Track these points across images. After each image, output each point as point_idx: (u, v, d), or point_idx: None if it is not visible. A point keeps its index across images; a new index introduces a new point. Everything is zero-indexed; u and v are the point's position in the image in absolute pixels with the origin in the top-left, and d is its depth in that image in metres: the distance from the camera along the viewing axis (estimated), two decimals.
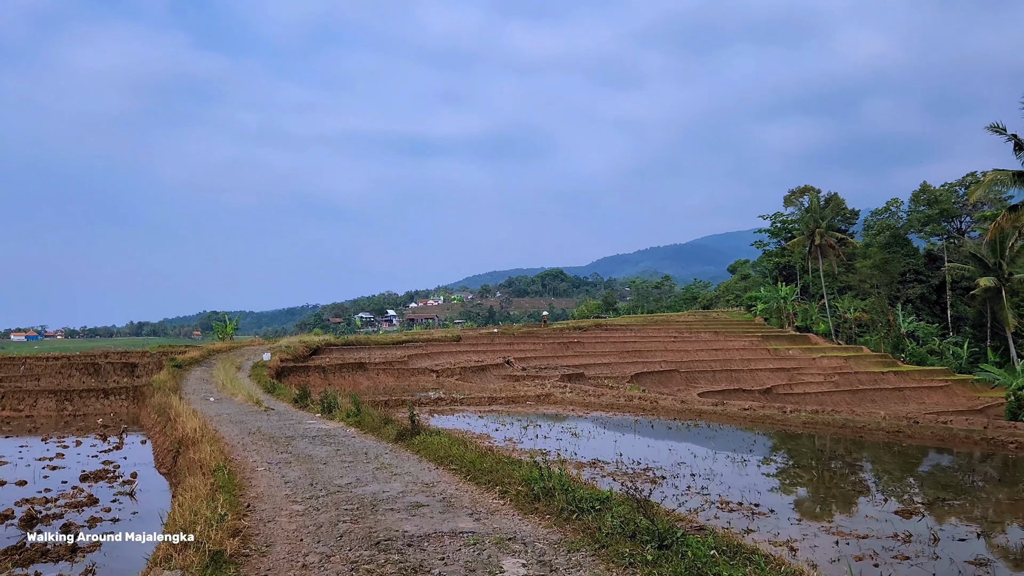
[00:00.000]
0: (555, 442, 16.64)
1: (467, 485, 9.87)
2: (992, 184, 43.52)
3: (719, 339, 65.97)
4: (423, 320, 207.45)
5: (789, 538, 8.41)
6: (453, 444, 12.10)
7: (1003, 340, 62.01)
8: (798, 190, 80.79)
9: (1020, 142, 42.53)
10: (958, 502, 10.65)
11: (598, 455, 14.54)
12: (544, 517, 7.98)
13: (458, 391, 31.94)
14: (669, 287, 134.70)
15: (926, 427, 16.88)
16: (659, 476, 12.40)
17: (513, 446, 15.91)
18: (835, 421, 18.50)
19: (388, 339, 50.37)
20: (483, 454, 11.07)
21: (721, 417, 21.26)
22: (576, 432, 18.20)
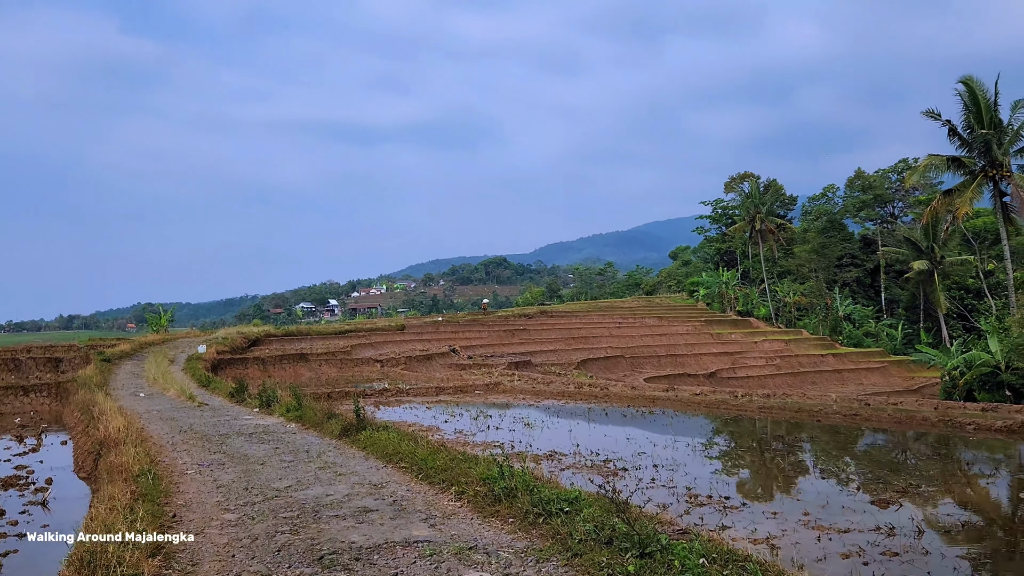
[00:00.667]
0: (508, 433, 15.90)
1: (420, 485, 9.03)
2: (927, 169, 44.21)
3: (663, 324, 66.14)
4: (366, 309, 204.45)
5: (768, 535, 7.80)
6: (403, 440, 11.24)
7: (935, 322, 63.48)
8: (738, 176, 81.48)
9: (954, 128, 43.20)
10: (932, 488, 10.23)
11: (554, 446, 13.83)
12: (507, 521, 7.19)
13: (404, 381, 30.97)
14: (612, 274, 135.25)
15: (881, 409, 16.62)
16: (620, 468, 11.74)
17: (465, 439, 15.12)
18: (790, 405, 18.16)
19: (330, 329, 49.01)
20: (436, 450, 10.23)
21: (675, 403, 20.79)
22: (529, 422, 17.49)
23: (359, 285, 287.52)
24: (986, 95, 41.77)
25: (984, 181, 42.18)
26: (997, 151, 41.14)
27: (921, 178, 44.62)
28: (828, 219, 77.53)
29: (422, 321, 59.02)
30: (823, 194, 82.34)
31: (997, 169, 41.62)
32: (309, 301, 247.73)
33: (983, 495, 10.57)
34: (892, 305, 73.29)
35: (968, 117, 42.22)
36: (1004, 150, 41.63)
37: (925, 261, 60.06)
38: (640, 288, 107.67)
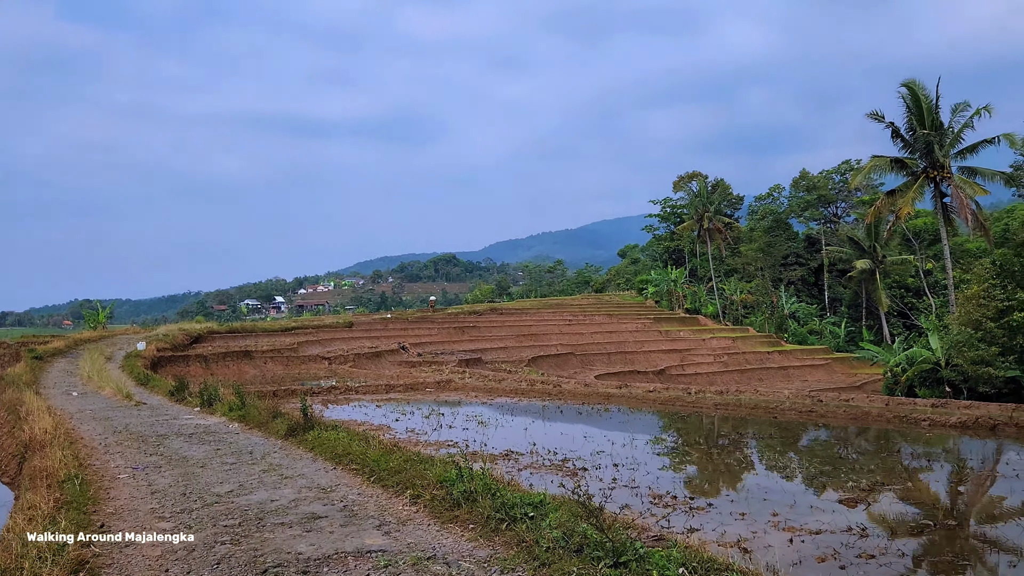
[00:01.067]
0: (462, 432, 15.38)
1: (372, 488, 8.47)
2: (872, 170, 44.91)
3: (613, 322, 66.27)
4: (313, 306, 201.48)
5: (739, 537, 7.46)
6: (353, 440, 10.65)
7: (877, 320, 64.77)
8: (687, 176, 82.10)
9: (897, 130, 43.96)
10: (899, 486, 10.03)
11: (510, 445, 13.37)
12: (467, 527, 6.70)
13: (352, 379, 30.21)
14: (562, 271, 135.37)
15: (836, 406, 16.56)
16: (580, 468, 11.32)
17: (417, 438, 14.57)
18: (745, 402, 18.02)
19: (276, 326, 47.82)
20: (388, 451, 9.67)
21: (630, 400, 20.52)
22: (483, 420, 17.00)
23: (306, 282, 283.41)
24: (928, 98, 42.59)
25: (926, 182, 43.01)
26: (938, 153, 41.97)
27: (865, 179, 45.28)
28: (774, 218, 78.60)
29: (371, 318, 58.09)
30: (769, 194, 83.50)
31: (938, 170, 42.46)
32: (254, 298, 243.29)
33: (958, 492, 10.44)
34: (835, 303, 74.61)
35: (911, 119, 43.00)
36: (945, 152, 42.50)
37: (868, 260, 61.20)
38: (590, 286, 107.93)
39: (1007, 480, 10.65)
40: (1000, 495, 10.03)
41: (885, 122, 43.90)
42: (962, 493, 10.38)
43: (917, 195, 42.65)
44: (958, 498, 10.03)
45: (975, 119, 41.56)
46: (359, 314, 68.92)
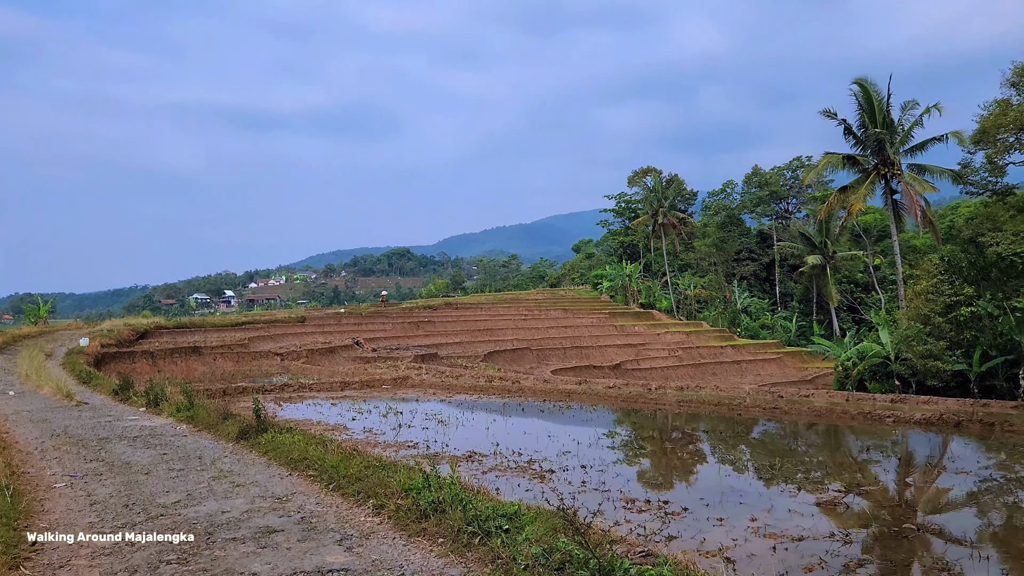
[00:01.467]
0: (421, 432, 14.85)
1: (331, 497, 7.93)
2: (824, 167, 45.39)
3: (568, 316, 66.21)
4: (264, 301, 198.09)
5: (721, 545, 7.10)
6: (310, 443, 10.07)
7: (827, 314, 65.76)
8: (641, 171, 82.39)
9: (849, 127, 44.47)
10: (872, 488, 9.81)
11: (473, 446, 12.89)
12: (436, 541, 6.22)
13: (306, 375, 29.41)
14: (516, 266, 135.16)
15: (801, 402, 16.45)
16: (547, 470, 10.90)
17: (375, 439, 14.00)
18: (708, 399, 17.82)
19: (226, 321, 46.55)
20: (348, 456, 9.11)
21: (591, 397, 20.20)
22: (443, 419, 16.48)
23: (257, 276, 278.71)
24: (879, 96, 43.16)
25: (877, 179, 43.59)
26: (889, 150, 42.56)
27: (817, 176, 45.77)
28: (727, 214, 79.32)
29: (324, 313, 57.00)
30: (722, 190, 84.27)
31: (889, 167, 43.07)
32: (203, 292, 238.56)
33: (934, 492, 10.28)
34: (786, 298, 75.62)
35: (862, 117, 43.54)
36: (895, 149, 43.12)
37: (819, 256, 62.05)
38: (545, 280, 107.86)
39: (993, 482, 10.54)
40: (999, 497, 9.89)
41: (837, 119, 44.38)
42: (944, 493, 10.22)
43: (868, 191, 43.21)
44: (941, 498, 9.87)
45: (925, 117, 42.27)
46: (312, 309, 67.71)
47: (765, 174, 77.81)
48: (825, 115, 44.52)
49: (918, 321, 38.87)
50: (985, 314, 37.85)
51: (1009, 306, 37.05)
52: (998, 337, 37.63)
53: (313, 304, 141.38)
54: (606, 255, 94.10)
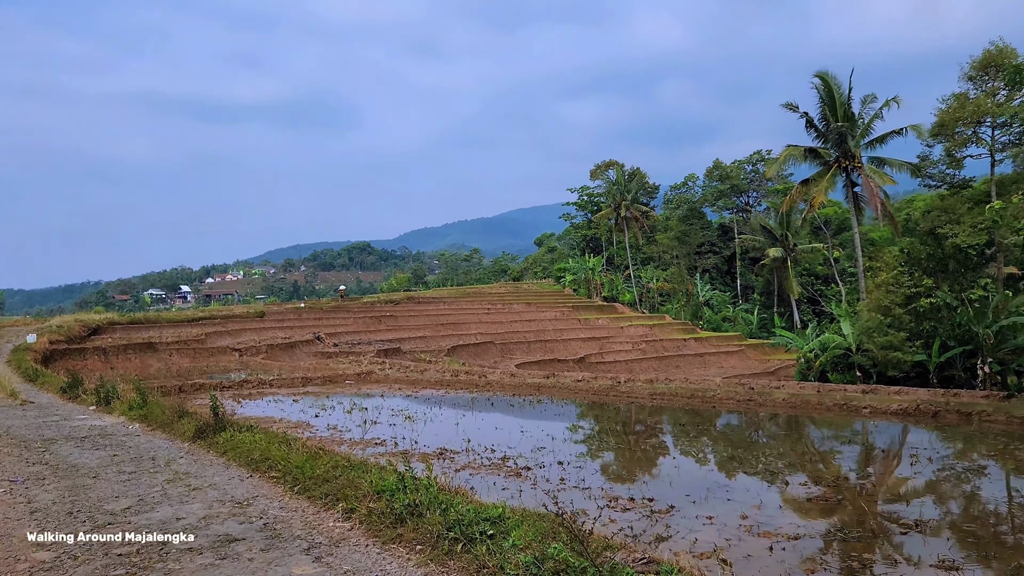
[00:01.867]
0: (388, 428, 14.27)
1: (296, 501, 7.35)
2: (786, 159, 45.54)
3: (531, 310, 65.86)
4: (221, 296, 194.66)
5: (715, 546, 6.68)
6: (272, 442, 9.45)
7: (788, 306, 66.27)
8: (604, 164, 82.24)
9: (811, 120, 44.67)
10: (866, 481, 9.50)
11: (443, 442, 12.36)
12: (414, 549, 5.69)
13: (266, 371, 28.58)
14: (478, 260, 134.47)
15: (775, 394, 16.19)
16: (522, 467, 10.41)
17: (340, 436, 13.39)
18: (681, 391, 17.49)
19: (183, 316, 45.29)
20: (314, 455, 8.52)
21: (561, 391, 19.77)
22: (410, 415, 15.90)
23: (214, 271, 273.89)
24: (840, 89, 43.40)
25: (838, 171, 43.85)
26: (851, 143, 42.82)
27: (779, 168, 45.94)
28: (688, 207, 79.54)
29: (283, 308, 55.92)
30: (684, 183, 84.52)
31: (850, 160, 43.34)
32: (159, 287, 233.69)
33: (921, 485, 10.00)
34: (747, 291, 76.11)
35: (824, 110, 43.75)
36: (856, 142, 43.41)
37: (780, 249, 62.45)
38: (507, 274, 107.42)
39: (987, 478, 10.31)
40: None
41: (799, 112, 44.56)
42: (940, 487, 9.94)
43: (830, 184, 43.45)
44: (937, 491, 9.58)
45: (884, 110, 42.59)
46: (271, 304, 66.31)
47: (726, 168, 78.09)
48: (787, 108, 44.69)
49: (879, 312, 39.20)
50: (944, 305, 38.26)
51: (967, 297, 37.50)
52: (956, 328, 38.07)
53: (272, 299, 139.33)
54: (569, 249, 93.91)
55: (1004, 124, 40.19)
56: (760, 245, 66.30)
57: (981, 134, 40.44)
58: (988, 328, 36.51)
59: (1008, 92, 40.17)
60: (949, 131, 40.22)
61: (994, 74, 39.86)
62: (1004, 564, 6.44)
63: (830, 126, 43.39)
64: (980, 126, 40.00)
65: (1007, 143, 40.72)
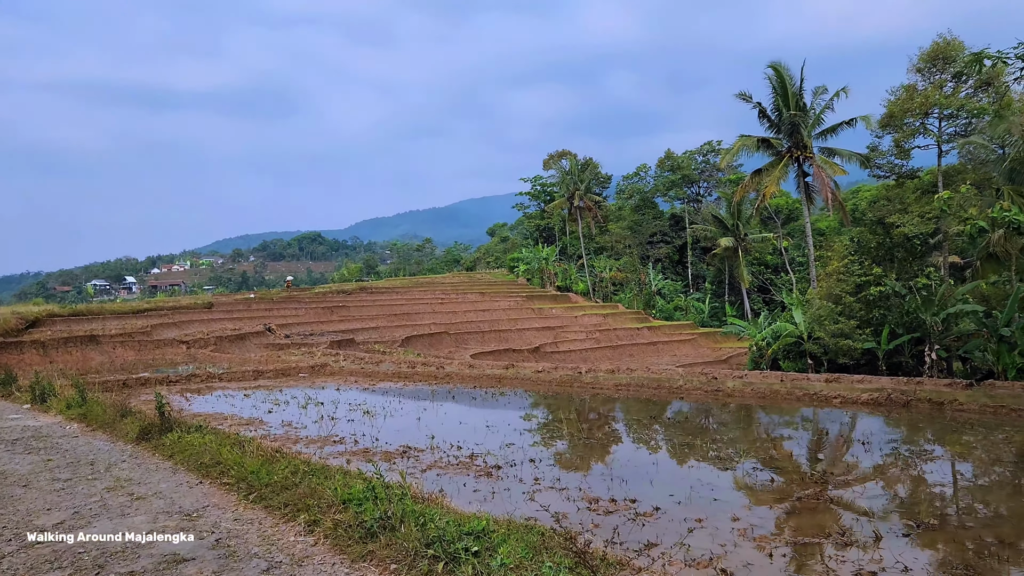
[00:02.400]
0: (347, 425, 13.52)
1: (252, 511, 6.62)
2: (740, 149, 45.62)
3: (485, 300, 65.27)
4: (168, 287, 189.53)
5: (711, 555, 6.15)
6: (223, 443, 8.68)
7: (739, 295, 66.81)
8: (556, 154, 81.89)
9: (764, 110, 44.79)
10: (852, 476, 9.10)
11: (406, 439, 11.67)
12: (388, 568, 5.04)
13: (215, 364, 27.46)
14: (431, 250, 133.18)
15: (738, 384, 15.83)
16: (492, 466, 9.79)
17: (296, 433, 12.61)
18: (647, 381, 17.03)
19: (127, 308, 43.57)
20: (270, 459, 7.79)
21: (524, 383, 19.18)
22: (369, 409, 15.15)
23: (160, 261, 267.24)
24: (792, 80, 43.57)
25: (790, 162, 44.07)
26: (803, 132, 43.03)
27: (733, 158, 46.00)
28: (640, 197, 79.65)
29: (232, 299, 54.30)
30: (636, 173, 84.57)
31: (801, 151, 43.58)
32: (103, 278, 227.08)
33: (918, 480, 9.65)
34: (698, 280, 76.56)
35: (777, 100, 43.89)
36: (808, 132, 43.65)
37: (731, 238, 62.82)
38: (460, 264, 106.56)
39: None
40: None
41: (752, 102, 44.66)
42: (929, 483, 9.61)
43: (782, 174, 43.66)
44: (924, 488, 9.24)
45: (835, 101, 42.87)
46: (219, 295, 64.50)
47: (678, 158, 78.35)
48: (741, 98, 44.73)
49: (830, 301, 39.53)
50: (892, 293, 38.71)
51: (915, 285, 37.97)
52: (905, 316, 38.56)
53: (220, 290, 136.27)
54: (522, 238, 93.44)
55: (951, 116, 40.76)
56: (712, 235, 66.66)
57: (929, 125, 40.96)
58: (936, 316, 37.03)
59: (955, 84, 40.74)
60: (898, 122, 40.67)
61: (942, 66, 40.36)
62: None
63: (783, 116, 43.56)
64: (928, 117, 40.51)
65: (953, 134, 41.31)
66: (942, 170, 41.05)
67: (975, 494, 8.61)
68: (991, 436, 11.22)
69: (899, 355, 39.18)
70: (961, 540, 6.65)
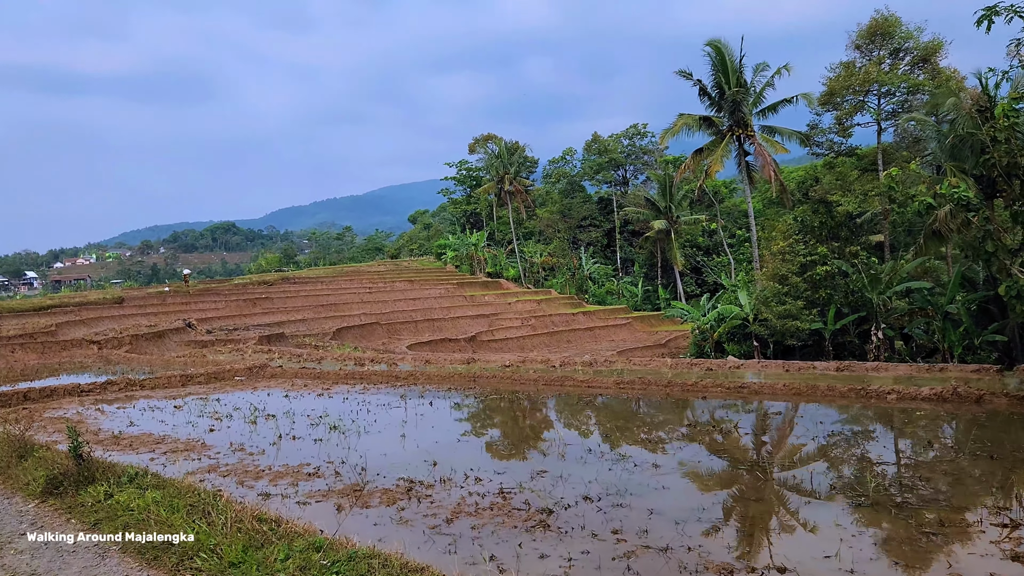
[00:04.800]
0: (314, 446, 10.72)
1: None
2: (681, 128, 44.03)
3: (415, 288, 62.46)
4: (72, 281, 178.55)
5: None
6: (177, 509, 5.89)
7: (671, 278, 65.74)
8: (482, 138, 79.25)
9: (704, 87, 43.26)
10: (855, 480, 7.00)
11: (400, 467, 8.96)
12: None
13: (133, 367, 23.90)
14: (351, 238, 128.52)
15: (719, 375, 13.75)
16: (539, 509, 7.23)
17: (253, 462, 9.78)
18: (646, 376, 14.75)
19: (27, 304, 38.94)
20: (255, 536, 5.08)
21: (500, 381, 16.56)
22: (335, 424, 12.31)
23: (63, 255, 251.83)
24: (732, 57, 42.13)
25: (731, 140, 42.70)
26: (745, 110, 41.68)
27: (673, 137, 44.32)
28: (568, 181, 77.80)
29: (144, 292, 49.85)
30: (562, 157, 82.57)
31: (743, 129, 42.26)
32: (0, 274, 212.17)
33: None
34: (626, 264, 75.31)
35: (718, 77, 42.39)
36: (748, 111, 42.36)
37: (663, 220, 61.54)
38: (382, 252, 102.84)
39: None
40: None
41: (693, 79, 43.06)
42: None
43: (725, 153, 42.25)
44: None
45: (776, 78, 41.66)
46: (130, 288, 59.35)
47: (604, 141, 76.60)
48: (680, 75, 43.07)
49: (775, 281, 38.33)
50: (838, 272, 37.81)
51: (861, 264, 37.10)
52: (850, 295, 37.75)
53: (130, 284, 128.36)
54: (449, 224, 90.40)
55: (888, 93, 40.03)
56: (644, 217, 65.28)
57: (868, 103, 40.15)
58: (882, 294, 36.27)
59: (892, 61, 40.02)
60: (840, 99, 39.68)
61: (880, 42, 39.54)
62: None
63: (724, 94, 42.09)
64: (868, 95, 39.67)
65: (892, 112, 40.62)
66: (882, 147, 40.31)
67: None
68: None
69: (844, 335, 38.38)
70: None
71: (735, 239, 64.23)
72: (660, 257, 65.97)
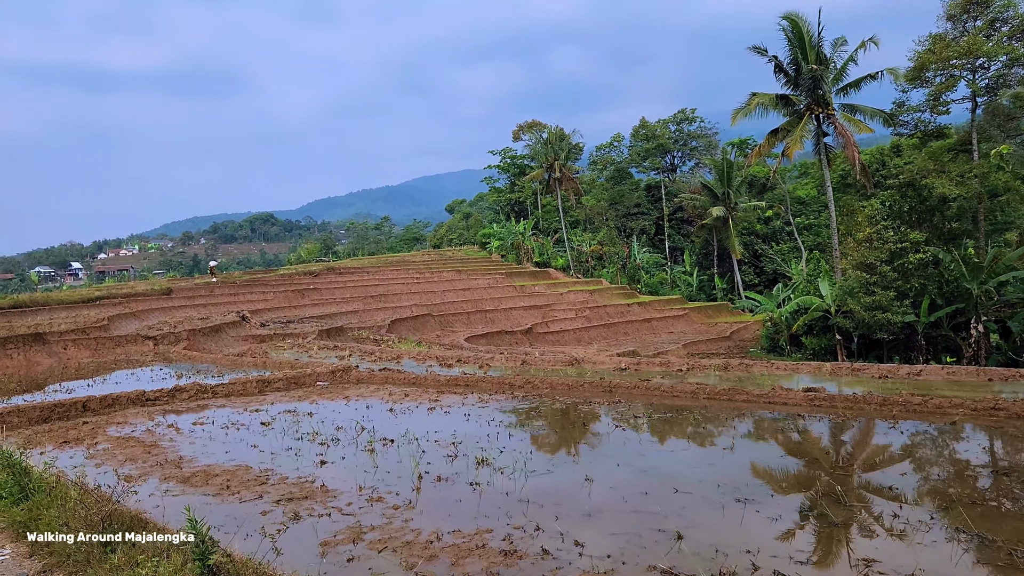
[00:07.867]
0: (474, 496, 7.89)
1: None
2: (755, 107, 40.60)
3: (462, 278, 59.75)
4: (116, 272, 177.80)
5: None
6: None
7: (727, 267, 62.32)
8: (526, 124, 76.15)
9: (780, 64, 39.80)
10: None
11: (638, 550, 6.16)
12: None
13: (197, 367, 21.27)
14: (389, 228, 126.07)
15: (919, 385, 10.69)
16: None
17: (402, 527, 6.96)
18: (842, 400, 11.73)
19: (76, 296, 36.60)
20: None
21: (664, 395, 13.64)
22: (484, 457, 9.45)
23: (107, 246, 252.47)
24: (811, 32, 38.63)
25: (810, 119, 39.24)
26: (827, 88, 38.18)
27: (746, 116, 40.87)
28: (615, 168, 74.55)
29: (192, 283, 47.54)
30: (610, 143, 79.26)
31: (822, 108, 38.77)
32: (47, 265, 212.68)
33: None
34: (675, 252, 72.02)
35: (795, 53, 38.90)
36: (828, 88, 38.85)
37: (722, 207, 58.12)
38: (420, 242, 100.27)
39: None
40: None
41: (768, 55, 39.62)
42: None
43: (804, 132, 38.77)
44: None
45: (860, 52, 38.04)
46: (175, 279, 57.12)
47: (652, 127, 73.24)
48: (755, 51, 39.62)
49: (861, 270, 34.94)
50: (932, 260, 34.34)
51: (961, 254, 33.58)
52: (945, 285, 34.31)
53: (172, 274, 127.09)
54: (493, 213, 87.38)
55: (982, 67, 36.34)
56: (699, 204, 61.84)
57: (962, 78, 36.49)
58: (984, 285, 32.80)
59: (989, 33, 36.28)
60: (933, 74, 36.03)
61: (977, 12, 35.80)
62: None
63: (802, 71, 38.61)
64: (964, 69, 36.00)
65: (985, 87, 36.92)
66: (976, 125, 36.62)
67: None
68: None
69: (937, 328, 34.92)
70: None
71: (792, 227, 60.57)
72: (716, 245, 62.52)
